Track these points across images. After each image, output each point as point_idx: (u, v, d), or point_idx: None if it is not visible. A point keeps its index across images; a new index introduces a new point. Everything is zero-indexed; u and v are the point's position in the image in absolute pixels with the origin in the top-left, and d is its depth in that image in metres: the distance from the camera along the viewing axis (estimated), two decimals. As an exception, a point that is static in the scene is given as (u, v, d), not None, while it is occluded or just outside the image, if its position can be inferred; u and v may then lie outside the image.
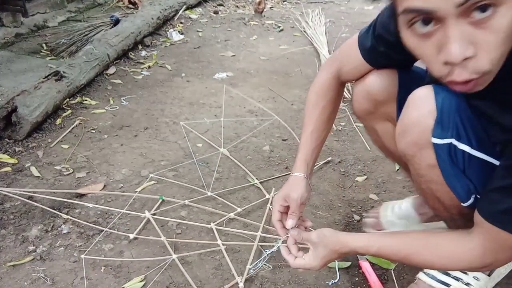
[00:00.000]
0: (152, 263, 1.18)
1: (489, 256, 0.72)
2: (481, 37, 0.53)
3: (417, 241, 0.80)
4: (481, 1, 0.50)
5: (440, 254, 0.77)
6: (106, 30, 2.88)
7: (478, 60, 0.54)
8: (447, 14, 0.52)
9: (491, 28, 0.52)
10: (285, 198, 0.94)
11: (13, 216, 1.36)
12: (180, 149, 1.77)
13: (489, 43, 0.53)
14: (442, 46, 0.55)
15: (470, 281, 0.98)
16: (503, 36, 0.53)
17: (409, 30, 0.59)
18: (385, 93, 0.96)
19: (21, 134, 1.77)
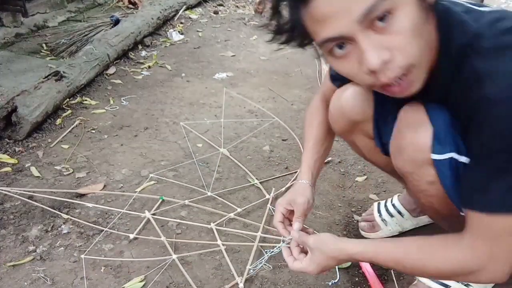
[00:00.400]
0: (152, 263, 1.18)
1: (482, 250, 0.68)
2: (390, 40, 0.58)
3: (411, 244, 0.78)
4: (376, 12, 0.56)
5: (434, 255, 0.73)
6: (106, 30, 2.88)
7: (396, 59, 0.60)
8: (353, 32, 0.59)
9: (396, 31, 0.58)
10: (290, 202, 0.94)
11: (13, 216, 1.36)
12: (180, 149, 1.77)
13: (400, 43, 0.58)
14: (361, 59, 0.61)
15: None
16: (409, 34, 0.58)
17: (331, 56, 0.65)
18: (360, 113, 0.99)
19: (21, 134, 1.77)
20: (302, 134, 1.17)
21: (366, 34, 0.59)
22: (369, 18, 0.57)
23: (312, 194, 0.98)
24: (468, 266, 0.69)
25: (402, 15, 0.58)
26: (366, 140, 1.06)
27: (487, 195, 0.64)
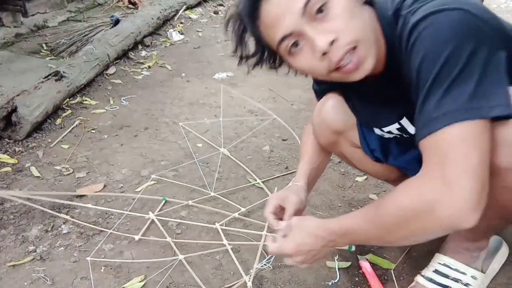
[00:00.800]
0: (152, 263, 1.18)
1: (434, 174, 0.62)
2: (332, 25, 0.67)
3: (383, 200, 0.71)
4: (314, 5, 0.66)
5: (391, 196, 0.69)
6: (106, 30, 2.88)
7: (340, 38, 0.67)
8: (300, 27, 0.68)
9: (334, 16, 0.67)
10: (283, 199, 0.96)
11: (13, 216, 1.36)
12: (180, 149, 1.77)
13: (340, 24, 0.67)
14: (313, 47, 0.69)
15: (469, 281, 0.98)
16: (346, 15, 0.67)
17: (290, 56, 0.74)
18: (343, 122, 1.03)
19: (21, 134, 1.77)
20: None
21: (311, 25, 0.68)
22: (309, 11, 0.67)
23: (306, 196, 0.99)
24: (425, 198, 0.62)
25: (335, 2, 0.67)
26: (353, 149, 1.08)
27: (423, 119, 0.64)
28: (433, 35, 0.63)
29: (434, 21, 0.64)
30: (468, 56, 0.61)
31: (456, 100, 0.61)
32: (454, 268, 0.99)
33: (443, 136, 0.62)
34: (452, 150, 0.61)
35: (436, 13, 0.64)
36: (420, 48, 0.65)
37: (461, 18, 0.63)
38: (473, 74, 0.61)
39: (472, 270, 0.99)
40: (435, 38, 0.63)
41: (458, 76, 0.61)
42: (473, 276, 0.99)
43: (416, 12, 0.67)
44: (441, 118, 0.61)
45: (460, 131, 0.61)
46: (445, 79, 0.61)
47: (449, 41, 0.62)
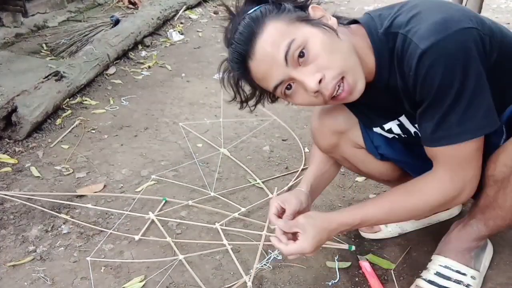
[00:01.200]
0: (152, 263, 1.18)
1: (456, 175, 0.81)
2: (315, 65, 0.75)
3: (395, 193, 0.89)
4: (294, 53, 0.74)
5: (419, 194, 0.84)
6: (106, 30, 2.88)
7: (327, 74, 0.75)
8: (288, 74, 0.76)
9: (315, 57, 0.74)
10: (284, 201, 0.97)
11: (13, 216, 1.36)
12: (180, 149, 1.77)
13: (323, 62, 0.75)
14: (305, 88, 0.77)
15: (469, 282, 0.99)
16: (325, 53, 0.74)
17: (287, 97, 0.81)
18: (344, 122, 1.04)
19: (21, 134, 1.77)
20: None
21: (297, 70, 0.76)
22: (291, 59, 0.74)
23: (307, 200, 1.01)
24: (449, 193, 0.82)
25: (313, 44, 0.74)
26: (355, 151, 1.09)
27: (444, 130, 0.77)
28: (444, 65, 0.71)
29: (443, 51, 0.71)
30: (475, 79, 0.72)
31: (473, 120, 0.75)
32: (455, 269, 0.99)
33: (465, 148, 0.78)
34: (471, 160, 0.80)
35: (443, 41, 0.71)
36: (436, 75, 0.72)
37: (466, 39, 0.71)
38: (481, 97, 0.74)
39: (471, 270, 1.00)
40: (446, 67, 0.71)
41: (471, 99, 0.73)
42: (473, 276, 1.00)
43: (418, 34, 0.73)
44: (463, 134, 0.76)
45: (475, 144, 0.78)
46: (462, 100, 0.73)
47: (456, 68, 0.71)
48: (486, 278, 1.07)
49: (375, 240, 1.24)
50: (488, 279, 1.08)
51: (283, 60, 0.75)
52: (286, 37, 0.74)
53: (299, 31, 0.75)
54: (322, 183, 1.12)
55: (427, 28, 0.72)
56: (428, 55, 0.71)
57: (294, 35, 0.74)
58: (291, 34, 0.74)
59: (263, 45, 0.75)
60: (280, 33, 0.75)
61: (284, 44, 0.74)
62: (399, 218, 0.94)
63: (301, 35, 0.74)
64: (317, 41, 0.75)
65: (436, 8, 0.75)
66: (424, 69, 0.73)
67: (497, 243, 1.19)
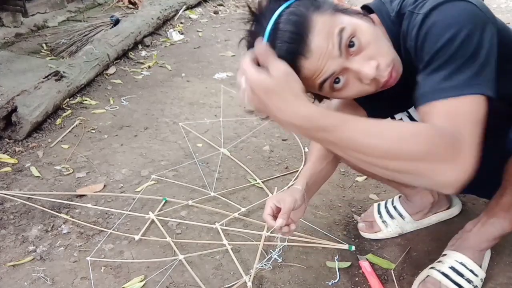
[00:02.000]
0: (152, 263, 1.18)
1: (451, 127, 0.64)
2: (368, 52, 0.73)
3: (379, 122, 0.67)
4: (346, 41, 0.71)
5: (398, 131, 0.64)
6: (106, 30, 2.88)
7: (382, 61, 0.73)
8: (341, 65, 0.73)
9: (366, 44, 0.73)
10: (280, 200, 0.97)
11: (13, 216, 1.36)
12: (180, 149, 1.77)
13: (375, 49, 0.73)
14: (360, 77, 0.74)
15: (478, 284, 1.01)
16: (375, 39, 0.74)
17: (334, 91, 0.77)
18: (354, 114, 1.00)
19: (21, 134, 1.77)
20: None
21: (350, 60, 0.73)
22: (343, 50, 0.72)
23: (302, 197, 1.00)
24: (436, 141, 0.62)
25: (361, 32, 0.72)
26: None
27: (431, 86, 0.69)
28: (446, 21, 0.69)
29: (445, 9, 0.70)
30: (477, 41, 0.68)
31: (464, 77, 0.68)
32: (470, 268, 1.00)
33: (454, 104, 0.67)
34: (463, 125, 0.65)
35: (445, 3, 0.70)
36: (436, 32, 0.70)
37: (468, 7, 0.70)
38: (480, 57, 0.68)
39: (482, 273, 1.02)
40: (449, 23, 0.69)
41: (470, 57, 0.68)
42: (482, 279, 1.02)
43: (424, 6, 0.73)
44: (451, 89, 0.68)
45: (469, 104, 0.67)
46: (459, 58, 0.68)
47: (461, 26, 0.68)
48: (486, 278, 1.07)
49: (375, 240, 1.24)
50: (488, 279, 1.08)
51: (337, 51, 0.71)
52: (335, 28, 0.71)
53: (344, 21, 0.72)
54: (318, 180, 1.11)
55: (431, 0, 0.71)
56: (429, 17, 0.70)
57: (342, 25, 0.71)
58: (339, 24, 0.71)
59: (318, 39, 0.70)
60: (329, 25, 0.71)
61: (336, 34, 0.71)
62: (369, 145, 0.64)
63: (348, 24, 0.72)
64: (364, 29, 0.73)
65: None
66: (424, 30, 0.71)
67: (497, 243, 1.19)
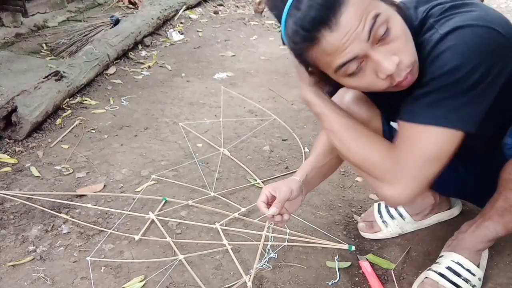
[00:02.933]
0: (152, 263, 1.18)
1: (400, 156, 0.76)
2: (393, 46, 0.69)
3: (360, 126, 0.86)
4: (378, 27, 0.67)
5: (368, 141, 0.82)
6: (106, 30, 2.88)
7: (403, 60, 0.70)
8: (365, 50, 0.69)
9: (395, 38, 0.69)
10: (275, 188, 0.97)
11: (13, 216, 1.36)
12: (180, 149, 1.77)
13: (400, 46, 0.70)
14: (377, 69, 0.70)
15: (476, 283, 1.01)
16: (404, 37, 0.70)
17: (347, 77, 0.74)
18: (367, 113, 1.02)
19: (21, 134, 1.77)
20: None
21: (374, 49, 0.69)
22: (374, 34, 0.68)
23: (299, 188, 1.00)
24: (382, 166, 0.79)
25: (394, 24, 0.69)
26: None
27: (415, 106, 0.74)
28: (458, 49, 0.69)
29: (461, 36, 0.69)
30: (478, 77, 0.69)
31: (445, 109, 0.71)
32: (466, 268, 1.00)
33: (420, 132, 0.74)
34: (415, 157, 0.75)
35: (464, 28, 0.69)
36: (444, 58, 0.70)
37: (486, 37, 0.69)
38: (473, 92, 0.70)
39: (480, 272, 1.02)
40: (459, 52, 0.69)
41: (463, 91, 0.70)
42: (480, 278, 1.02)
43: (445, 24, 0.72)
44: (427, 117, 0.73)
45: (434, 137, 0.73)
46: (452, 90, 0.70)
47: (469, 59, 0.68)
48: (486, 278, 1.07)
49: (375, 240, 1.24)
50: (488, 279, 1.08)
51: (366, 34, 0.67)
52: (372, 9, 0.67)
53: (381, 7, 0.68)
54: (319, 175, 1.10)
55: (456, 20, 0.71)
56: (447, 40, 0.70)
57: (379, 10, 0.67)
58: (376, 7, 0.67)
59: (350, 15, 0.65)
60: (366, 4, 0.66)
61: (370, 17, 0.66)
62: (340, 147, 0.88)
63: (384, 11, 0.68)
64: (398, 22, 0.70)
65: (476, 5, 0.73)
66: (435, 53, 0.71)
67: (497, 243, 1.18)
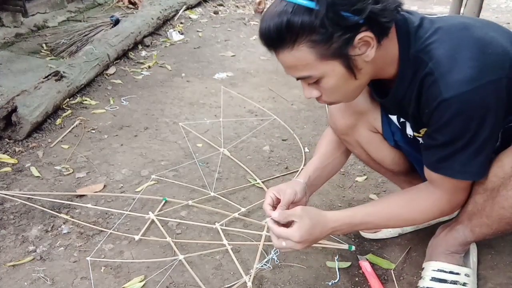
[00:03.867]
0: (152, 263, 1.18)
1: (454, 198, 0.88)
2: (320, 89, 0.82)
3: (394, 199, 0.95)
4: (306, 81, 0.81)
5: (416, 206, 0.91)
6: (106, 30, 2.88)
7: (322, 98, 0.84)
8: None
9: (322, 87, 0.81)
10: (279, 191, 0.97)
11: (13, 216, 1.36)
12: (180, 149, 1.77)
13: (325, 92, 0.83)
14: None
15: (465, 280, 1.01)
16: (332, 90, 0.81)
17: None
18: (366, 103, 1.03)
19: (21, 134, 1.77)
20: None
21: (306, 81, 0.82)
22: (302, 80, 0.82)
23: (303, 190, 1.01)
24: (445, 210, 0.90)
25: (327, 81, 0.79)
26: (371, 135, 1.07)
27: (452, 166, 0.82)
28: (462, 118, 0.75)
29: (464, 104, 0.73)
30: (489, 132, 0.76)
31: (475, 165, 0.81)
32: (448, 271, 1.00)
33: (463, 182, 0.86)
34: (466, 189, 0.89)
35: (467, 94, 0.72)
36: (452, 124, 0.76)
37: (490, 93, 0.73)
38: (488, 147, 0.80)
39: (464, 269, 1.01)
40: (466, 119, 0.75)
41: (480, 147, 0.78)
42: (466, 274, 1.01)
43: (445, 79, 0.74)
44: (464, 173, 0.82)
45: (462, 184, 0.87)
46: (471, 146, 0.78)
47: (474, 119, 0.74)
48: (486, 278, 1.08)
49: (375, 240, 1.24)
50: (488, 279, 1.08)
51: (296, 78, 0.81)
52: (306, 70, 0.77)
53: (321, 68, 0.76)
54: (323, 176, 1.11)
55: (455, 78, 0.73)
56: (449, 104, 0.74)
57: (313, 72, 0.77)
58: (312, 70, 0.77)
59: (284, 59, 0.77)
60: (303, 64, 0.76)
61: (299, 75, 0.79)
62: (395, 224, 1.03)
63: (320, 72, 0.77)
64: (331, 81, 0.79)
65: (474, 44, 0.74)
66: (444, 117, 0.76)
67: (497, 243, 1.19)
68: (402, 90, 0.84)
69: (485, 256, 1.15)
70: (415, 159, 1.07)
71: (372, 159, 1.13)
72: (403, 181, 1.20)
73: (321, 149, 1.12)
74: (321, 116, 2.02)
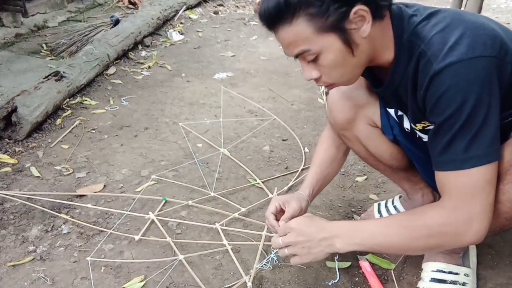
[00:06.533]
0: (152, 263, 1.18)
1: (460, 204, 0.75)
2: (320, 67, 0.81)
3: (397, 215, 0.91)
4: (305, 57, 0.80)
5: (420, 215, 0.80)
6: (106, 30, 2.88)
7: (324, 79, 0.83)
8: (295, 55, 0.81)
9: (320, 65, 0.81)
10: (285, 202, 0.98)
11: (13, 216, 1.36)
12: (180, 149, 1.77)
13: (325, 70, 0.81)
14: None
15: (464, 280, 1.01)
16: (330, 67, 0.80)
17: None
18: (365, 96, 1.03)
19: (21, 134, 1.77)
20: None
21: (304, 59, 0.81)
22: (300, 57, 0.81)
23: (306, 206, 1.04)
24: (452, 222, 0.76)
25: (325, 56, 0.79)
26: (370, 129, 1.07)
27: (454, 157, 0.74)
28: (455, 91, 0.71)
29: (457, 76, 0.70)
30: (486, 109, 0.71)
31: (479, 148, 0.72)
32: (447, 271, 1.00)
33: (471, 176, 0.73)
34: (478, 190, 0.74)
35: (459, 65, 0.70)
36: (446, 98, 0.72)
37: (483, 67, 0.70)
38: (489, 126, 0.72)
39: (463, 268, 1.01)
40: (457, 91, 0.71)
41: (480, 127, 0.72)
42: (466, 274, 1.01)
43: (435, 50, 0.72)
44: (468, 160, 0.73)
45: (483, 174, 0.73)
46: (470, 128, 0.72)
47: (469, 96, 0.70)
48: (486, 278, 1.08)
49: (375, 240, 1.24)
50: (488, 279, 1.08)
51: (294, 56, 0.81)
52: (305, 44, 0.77)
53: (319, 42, 0.76)
54: (323, 184, 1.14)
55: (446, 52, 0.71)
56: (441, 77, 0.71)
57: (312, 46, 0.77)
58: (310, 43, 0.77)
59: (284, 35, 0.78)
60: (302, 38, 0.76)
61: (297, 50, 0.79)
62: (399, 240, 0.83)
63: (319, 46, 0.77)
64: (329, 56, 0.78)
65: (465, 25, 0.73)
66: (437, 93, 0.73)
67: (497, 243, 1.19)
68: (399, 76, 0.83)
69: (485, 256, 1.15)
70: (413, 154, 1.06)
71: (371, 155, 1.12)
72: (402, 178, 1.19)
73: (317, 159, 1.13)
74: (321, 116, 2.02)
